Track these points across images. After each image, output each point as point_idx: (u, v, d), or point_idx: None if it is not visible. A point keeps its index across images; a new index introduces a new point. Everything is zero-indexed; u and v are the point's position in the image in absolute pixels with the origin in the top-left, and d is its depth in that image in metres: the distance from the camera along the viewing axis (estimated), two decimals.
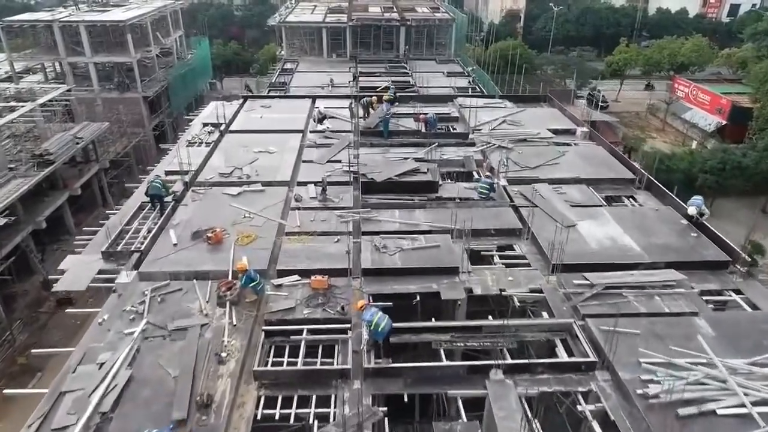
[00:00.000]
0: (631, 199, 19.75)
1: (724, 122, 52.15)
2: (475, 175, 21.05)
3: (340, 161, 21.21)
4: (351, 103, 23.77)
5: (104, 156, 39.71)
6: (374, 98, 25.35)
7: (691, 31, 68.61)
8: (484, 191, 18.73)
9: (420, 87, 37.42)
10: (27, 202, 30.62)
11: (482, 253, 16.45)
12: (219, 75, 59.99)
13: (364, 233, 16.68)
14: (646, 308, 13.80)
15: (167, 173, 20.38)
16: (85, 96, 44.91)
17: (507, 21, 72.34)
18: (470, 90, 37.50)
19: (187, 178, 19.51)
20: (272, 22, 46.08)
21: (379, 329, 12.09)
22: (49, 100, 37.15)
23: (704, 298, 14.47)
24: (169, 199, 18.30)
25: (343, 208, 18.04)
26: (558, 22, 72.18)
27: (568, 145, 23.56)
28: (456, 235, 16.66)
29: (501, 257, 16.23)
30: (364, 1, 53.22)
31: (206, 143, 23.29)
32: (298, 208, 18.02)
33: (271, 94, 33.10)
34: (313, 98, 29.17)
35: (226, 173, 20.15)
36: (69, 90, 39.65)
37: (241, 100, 28.90)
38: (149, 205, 18.33)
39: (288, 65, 43.56)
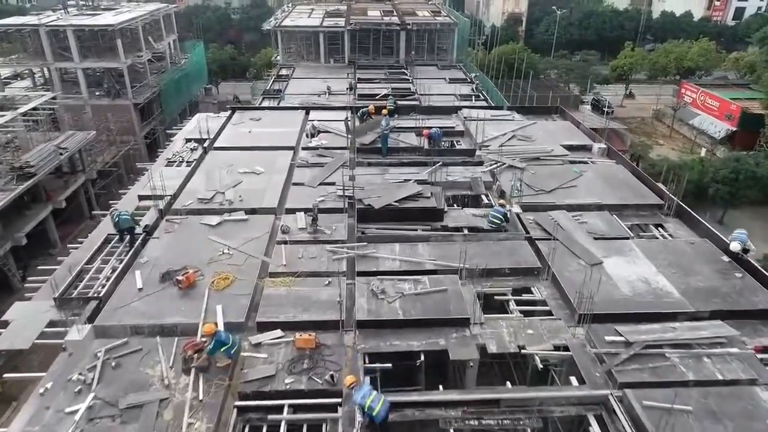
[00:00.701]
0: (660, 228, 17.25)
1: (734, 129, 49.71)
2: (484, 199, 18.58)
3: (334, 183, 18.72)
4: (347, 117, 21.33)
5: (92, 166, 37.41)
6: (371, 107, 22.85)
7: (696, 35, 66.13)
8: (496, 222, 16.25)
9: (421, 95, 35.16)
10: (6, 216, 28.31)
11: (496, 297, 13.99)
12: (215, 80, 57.48)
13: (359, 273, 14.22)
14: (694, 374, 11.32)
15: (141, 198, 17.91)
16: (73, 103, 42.51)
17: (509, 24, 69.80)
18: (474, 98, 35.16)
19: (161, 205, 17.03)
20: (267, 27, 43.52)
21: (374, 413, 9.65)
22: (33, 109, 34.75)
23: (760, 356, 12.02)
24: (139, 230, 15.85)
25: (336, 242, 15.58)
26: (560, 25, 69.62)
27: (585, 163, 21.09)
28: (465, 275, 14.24)
29: (518, 303, 13.77)
30: (363, 5, 50.66)
31: (187, 162, 20.72)
32: (285, 242, 15.54)
33: (262, 105, 30.57)
34: (307, 110, 26.55)
35: (206, 198, 17.65)
36: (54, 98, 37.20)
37: (229, 112, 26.25)
38: (116, 237, 15.86)
39: (283, 71, 41.06)
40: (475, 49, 56.33)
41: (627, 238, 16.18)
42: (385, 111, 22.14)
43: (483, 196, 18.72)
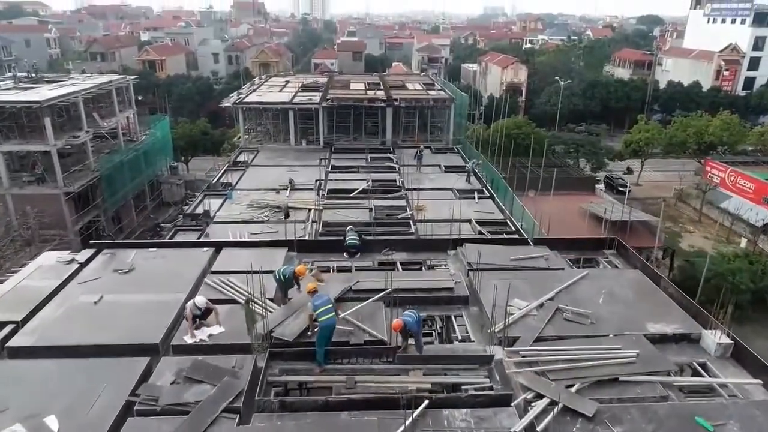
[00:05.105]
0: None
1: None
2: None
3: None
4: (248, 300, 10.37)
5: None
6: (300, 268, 11.67)
7: (707, 106, 56.55)
8: None
9: (408, 190, 25.23)
10: None
11: None
12: (185, 156, 47.54)
13: None
14: None
15: None
16: None
17: (510, 95, 60.51)
18: (476, 193, 24.95)
19: None
20: (227, 103, 33.67)
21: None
22: None
23: None
24: None
25: None
26: (563, 95, 60.27)
27: (707, 389, 10.03)
28: None
29: None
30: (347, 77, 41.20)
31: None
32: None
33: (147, 240, 19.75)
34: (219, 246, 15.17)
35: None
36: None
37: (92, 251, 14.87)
38: None
39: (243, 156, 30.91)
40: (475, 124, 46.44)
41: None
42: (322, 277, 11.00)
43: None
